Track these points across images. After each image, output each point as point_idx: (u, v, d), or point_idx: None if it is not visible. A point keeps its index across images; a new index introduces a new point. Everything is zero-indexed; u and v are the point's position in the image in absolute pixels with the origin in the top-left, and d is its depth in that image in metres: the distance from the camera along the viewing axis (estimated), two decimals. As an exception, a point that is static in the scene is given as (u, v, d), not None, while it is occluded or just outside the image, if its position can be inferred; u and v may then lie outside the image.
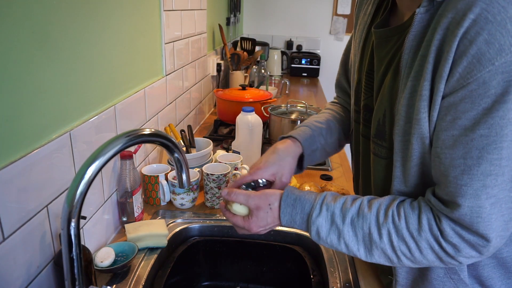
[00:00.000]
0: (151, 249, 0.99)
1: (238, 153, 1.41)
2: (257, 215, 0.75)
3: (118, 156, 1.05)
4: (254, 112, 1.41)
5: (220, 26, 2.32)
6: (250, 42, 2.69)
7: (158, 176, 1.17)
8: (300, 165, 0.89)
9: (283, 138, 0.89)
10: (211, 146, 1.34)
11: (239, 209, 0.77)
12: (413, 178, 0.67)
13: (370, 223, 0.65)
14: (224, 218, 1.13)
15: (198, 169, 1.24)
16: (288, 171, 0.84)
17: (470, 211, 0.57)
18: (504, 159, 0.54)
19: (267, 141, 1.68)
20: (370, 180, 0.79)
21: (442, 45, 0.56)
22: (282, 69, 3.31)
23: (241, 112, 1.40)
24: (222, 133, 1.88)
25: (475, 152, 0.55)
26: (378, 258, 0.66)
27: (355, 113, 0.85)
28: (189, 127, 1.43)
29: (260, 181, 0.82)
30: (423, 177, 0.66)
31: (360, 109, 0.82)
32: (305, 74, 3.27)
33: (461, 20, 0.53)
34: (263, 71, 2.50)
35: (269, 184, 0.83)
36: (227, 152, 1.52)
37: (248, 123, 1.39)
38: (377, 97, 0.73)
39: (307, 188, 1.19)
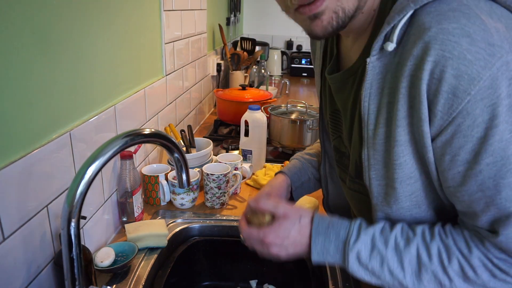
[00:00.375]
0: (151, 249, 0.99)
1: (250, 152, 1.41)
2: (281, 223, 0.69)
3: (118, 156, 1.05)
4: (260, 110, 1.41)
5: (220, 26, 2.32)
6: (250, 42, 2.69)
7: (158, 176, 1.17)
8: (302, 192, 0.95)
9: (276, 174, 0.95)
10: (211, 146, 1.34)
11: (262, 220, 0.72)
12: (400, 217, 0.65)
13: (418, 244, 0.61)
14: (224, 218, 1.14)
15: (198, 169, 1.24)
16: (276, 195, 0.88)
17: (506, 239, 0.55)
18: None
19: (268, 141, 1.68)
20: (354, 212, 0.81)
21: (411, 91, 0.56)
22: (282, 69, 3.31)
23: (248, 110, 1.40)
24: (222, 133, 1.88)
25: (489, 182, 0.54)
26: (427, 284, 0.61)
27: (324, 148, 0.89)
28: (189, 127, 1.43)
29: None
30: (412, 215, 0.65)
31: (332, 147, 0.83)
32: (305, 74, 3.27)
33: (422, 65, 0.53)
34: (263, 71, 2.50)
35: None
36: (227, 152, 1.52)
37: (258, 120, 1.39)
38: (350, 140, 0.72)
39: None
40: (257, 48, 3.02)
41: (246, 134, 1.42)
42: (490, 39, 0.50)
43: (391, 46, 0.57)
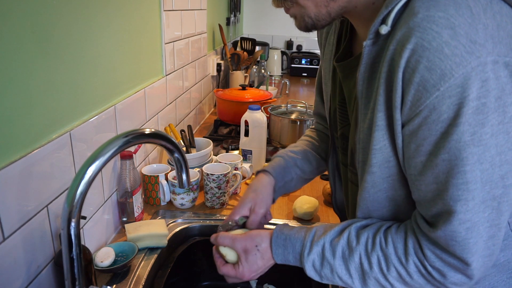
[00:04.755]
0: (151, 249, 0.99)
1: (250, 152, 1.41)
2: (247, 259, 0.75)
3: (118, 156, 1.05)
4: (260, 110, 1.42)
5: (220, 26, 2.32)
6: (250, 42, 2.69)
7: (158, 176, 1.17)
8: (285, 190, 0.95)
9: (258, 173, 0.93)
10: (211, 146, 1.34)
11: (228, 252, 0.77)
12: (376, 204, 0.67)
13: (360, 253, 0.65)
14: (224, 218, 1.14)
15: (198, 169, 1.24)
16: (261, 202, 0.87)
17: (444, 234, 0.57)
18: (471, 182, 0.53)
19: (268, 141, 1.68)
20: (348, 204, 0.81)
21: (390, 76, 0.56)
22: (282, 69, 3.31)
23: (248, 110, 1.40)
24: (222, 133, 1.88)
25: (442, 176, 0.55)
26: (374, 285, 0.66)
27: (333, 140, 0.87)
28: (189, 127, 1.43)
29: (236, 219, 0.86)
30: (387, 202, 0.67)
31: (338, 137, 0.83)
32: (305, 74, 3.27)
33: (401, 51, 0.53)
34: (263, 71, 2.50)
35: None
36: (227, 152, 1.52)
37: (258, 120, 1.39)
38: (351, 128, 0.74)
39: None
40: (257, 48, 3.02)
41: (246, 134, 1.42)
42: (473, 35, 0.49)
43: (384, 29, 0.57)
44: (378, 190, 0.66)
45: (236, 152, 1.48)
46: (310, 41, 3.46)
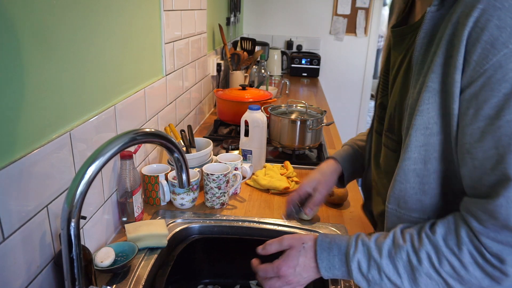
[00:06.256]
0: (151, 249, 0.99)
1: (250, 152, 1.41)
2: (288, 254, 0.73)
3: (118, 156, 1.05)
4: (260, 110, 1.41)
5: (220, 26, 2.32)
6: (250, 42, 2.69)
7: (158, 176, 1.17)
8: (342, 181, 1.01)
9: (327, 158, 1.00)
10: (211, 146, 1.34)
11: None
12: (402, 174, 0.66)
13: (408, 251, 0.62)
14: (224, 218, 1.14)
15: (198, 169, 1.24)
16: (325, 183, 0.96)
17: (507, 201, 0.53)
18: None
19: (268, 141, 1.68)
20: (382, 173, 0.80)
21: (453, 38, 0.57)
22: (282, 69, 3.31)
23: (248, 110, 1.40)
24: (222, 133, 1.88)
25: (505, 139, 0.53)
26: (425, 285, 0.61)
27: (373, 111, 0.88)
28: (189, 127, 1.43)
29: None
30: (412, 176, 0.65)
31: (377, 106, 0.84)
32: (305, 74, 3.27)
33: (470, 11, 0.54)
34: (263, 71, 2.50)
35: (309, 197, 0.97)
36: (227, 152, 1.52)
37: (258, 120, 1.39)
38: (391, 94, 0.75)
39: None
40: (257, 48, 3.02)
41: (246, 134, 1.42)
42: None
43: None
44: (407, 158, 0.64)
45: (236, 152, 1.48)
46: (310, 41, 3.47)
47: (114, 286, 0.87)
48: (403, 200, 0.68)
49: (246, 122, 1.41)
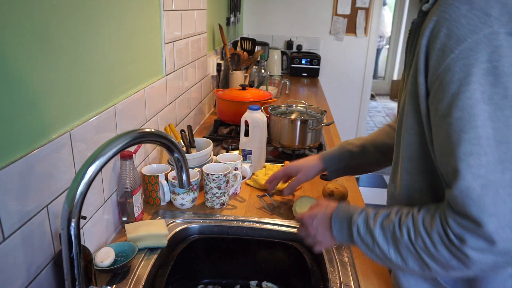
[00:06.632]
0: (151, 249, 0.99)
1: (250, 152, 1.41)
2: (313, 208, 0.88)
3: (118, 156, 1.05)
4: (260, 110, 1.41)
5: (220, 26, 2.32)
6: (250, 42, 2.69)
7: (158, 176, 1.17)
8: (338, 174, 1.15)
9: (318, 152, 1.13)
10: (211, 146, 1.34)
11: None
12: (401, 171, 0.73)
13: (395, 223, 0.69)
14: (224, 218, 1.14)
15: (198, 169, 1.24)
16: (303, 174, 1.12)
17: (460, 192, 0.58)
18: (483, 138, 0.56)
19: (268, 141, 1.67)
20: None
21: (419, 46, 0.64)
22: (282, 69, 3.31)
23: (248, 110, 1.40)
24: (222, 133, 1.88)
25: (454, 135, 0.59)
26: (406, 257, 0.67)
27: None
28: (189, 127, 1.43)
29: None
30: (405, 172, 0.72)
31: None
32: (305, 74, 3.27)
33: (427, 23, 0.62)
34: (263, 71, 2.50)
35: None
36: (227, 152, 1.52)
37: (258, 120, 1.39)
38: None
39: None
40: (257, 48, 3.02)
41: (246, 134, 1.42)
42: (489, 10, 0.57)
43: (425, 7, 0.66)
44: (399, 156, 0.72)
45: (236, 152, 1.48)
46: (310, 41, 3.47)
47: (114, 286, 0.87)
48: (399, 197, 0.75)
49: (246, 122, 1.41)
